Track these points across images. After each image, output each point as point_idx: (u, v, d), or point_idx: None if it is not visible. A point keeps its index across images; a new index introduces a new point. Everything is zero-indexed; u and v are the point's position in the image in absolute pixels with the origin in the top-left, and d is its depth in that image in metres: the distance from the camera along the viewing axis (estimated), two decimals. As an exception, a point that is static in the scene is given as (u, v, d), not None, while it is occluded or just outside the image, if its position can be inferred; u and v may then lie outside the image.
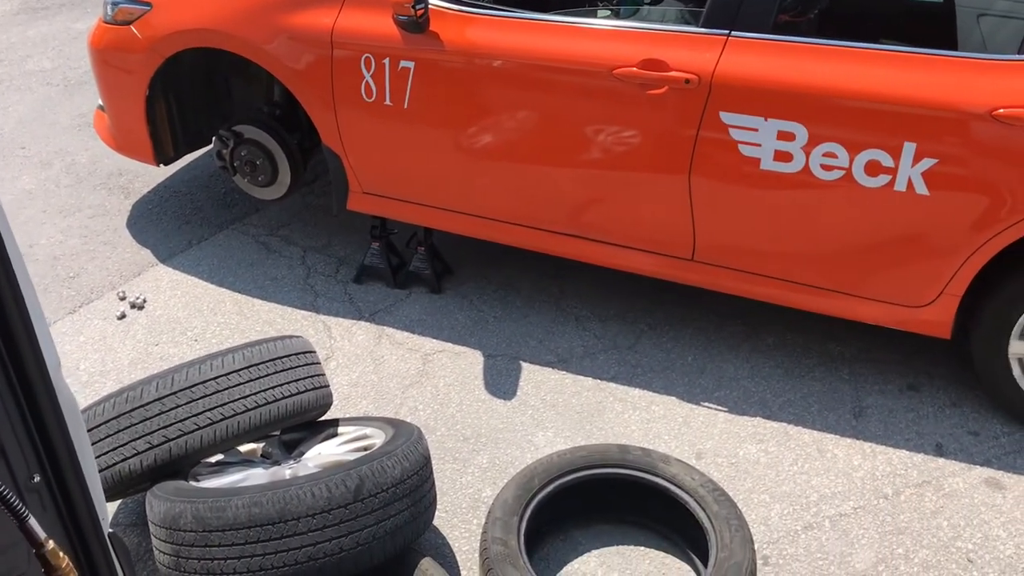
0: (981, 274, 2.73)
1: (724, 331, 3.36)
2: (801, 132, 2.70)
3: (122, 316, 3.44)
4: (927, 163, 2.60)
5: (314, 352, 2.59)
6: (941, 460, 2.80)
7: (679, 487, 2.45)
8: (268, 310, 3.49)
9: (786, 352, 3.26)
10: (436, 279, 3.58)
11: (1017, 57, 2.52)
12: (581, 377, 3.15)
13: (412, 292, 3.59)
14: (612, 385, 3.12)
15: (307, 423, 2.56)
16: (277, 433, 2.56)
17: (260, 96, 3.82)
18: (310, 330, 3.37)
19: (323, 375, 2.56)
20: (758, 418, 2.98)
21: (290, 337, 2.55)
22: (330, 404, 2.57)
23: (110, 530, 1.33)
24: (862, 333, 3.25)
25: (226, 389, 2.34)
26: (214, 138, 3.79)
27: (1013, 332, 2.74)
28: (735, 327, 3.37)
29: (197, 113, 3.82)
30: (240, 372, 2.38)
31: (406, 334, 3.36)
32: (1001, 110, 2.48)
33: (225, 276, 3.68)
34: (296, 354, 2.50)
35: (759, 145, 2.76)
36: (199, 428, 2.30)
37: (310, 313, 3.47)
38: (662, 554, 2.51)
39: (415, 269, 3.60)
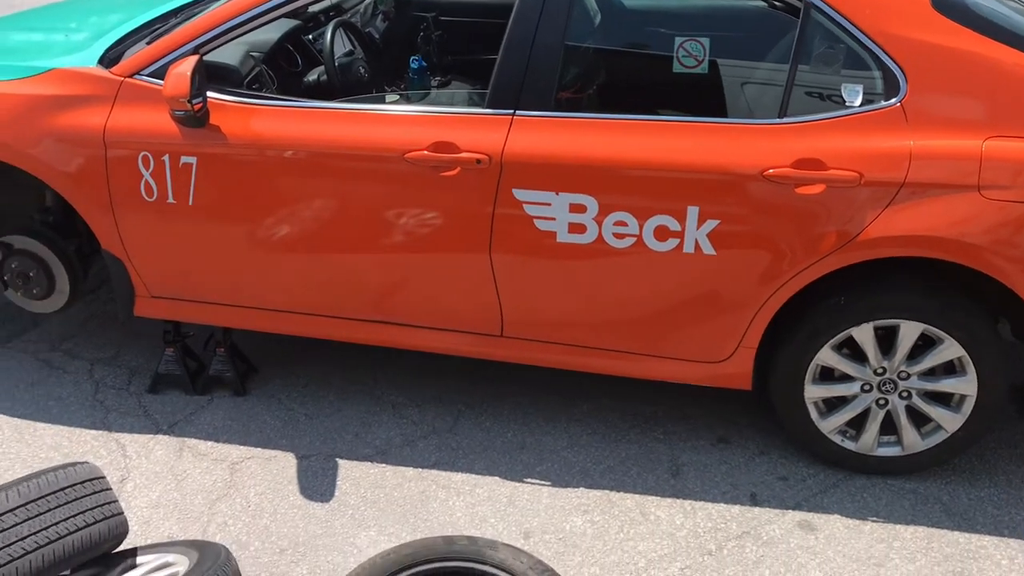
0: (773, 324, 2.87)
1: (540, 403, 3.36)
2: (591, 204, 2.76)
3: None
4: (711, 224, 2.72)
5: (103, 478, 2.36)
6: (757, 509, 2.88)
7: (509, 573, 2.38)
8: (54, 433, 3.18)
9: (602, 418, 3.29)
10: (239, 380, 3.40)
11: (779, 121, 2.69)
12: (402, 468, 3.05)
13: (214, 397, 3.39)
14: (434, 472, 3.03)
15: (100, 557, 2.31)
16: (67, 573, 2.30)
17: (30, 203, 3.54)
18: (102, 450, 3.10)
19: (115, 502, 2.33)
20: (581, 488, 2.97)
21: (73, 464, 2.31)
22: (126, 533, 2.34)
23: None
24: (672, 391, 3.33)
25: (0, 532, 2.09)
26: (-21, 252, 3.47)
27: (806, 377, 2.89)
28: (551, 398, 3.38)
29: (-41, 226, 3.50)
30: (16, 511, 2.12)
31: (210, 443, 3.14)
32: (771, 170, 2.64)
33: (1, 401, 3.34)
34: (81, 483, 2.26)
35: (554, 219, 2.80)
36: (-30, 582, 2.03)
37: (101, 432, 3.19)
38: (498, 645, 2.42)
39: (215, 372, 3.40)
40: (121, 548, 2.40)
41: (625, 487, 2.97)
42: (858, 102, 2.66)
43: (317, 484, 2.97)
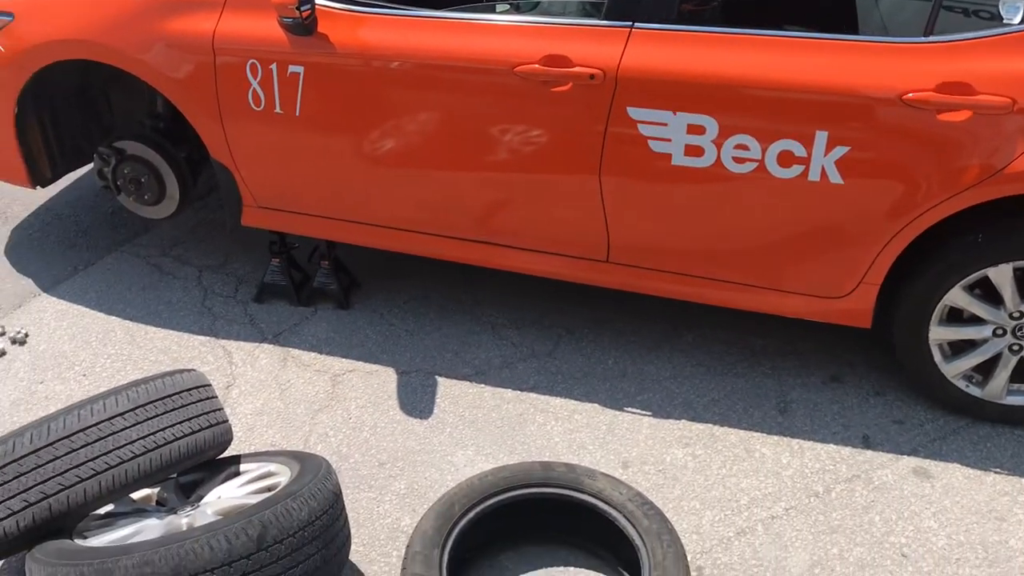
0: (899, 261, 2.69)
1: (644, 332, 3.26)
2: (711, 125, 2.61)
3: (1, 353, 3.17)
4: (840, 151, 2.54)
5: (209, 386, 2.39)
6: (869, 452, 2.75)
7: (607, 503, 2.33)
8: (163, 337, 3.26)
9: (707, 350, 3.18)
10: (343, 294, 3.40)
11: (923, 40, 2.47)
12: (500, 389, 3.02)
13: (318, 309, 3.40)
14: (532, 395, 2.99)
15: (205, 463, 2.36)
16: (174, 476, 2.36)
17: (142, 109, 3.58)
18: (209, 356, 3.16)
19: (220, 410, 2.37)
20: (683, 420, 2.89)
21: (181, 371, 2.34)
22: (229, 441, 2.38)
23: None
24: (783, 325, 3.18)
25: (110, 435, 2.14)
26: (94, 156, 3.53)
27: (932, 318, 2.71)
28: (655, 327, 3.28)
29: (75, 129, 3.55)
30: (125, 415, 2.17)
31: (313, 355, 3.17)
32: (910, 94, 2.43)
33: (115, 303, 3.43)
34: (188, 390, 2.30)
35: (669, 140, 2.66)
36: (81, 480, 2.09)
37: (208, 338, 3.25)
38: (592, 573, 2.39)
39: (320, 285, 3.41)
40: (225, 455, 2.45)
41: (730, 422, 2.88)
42: (1018, 19, 2.41)
43: (416, 400, 2.97)
